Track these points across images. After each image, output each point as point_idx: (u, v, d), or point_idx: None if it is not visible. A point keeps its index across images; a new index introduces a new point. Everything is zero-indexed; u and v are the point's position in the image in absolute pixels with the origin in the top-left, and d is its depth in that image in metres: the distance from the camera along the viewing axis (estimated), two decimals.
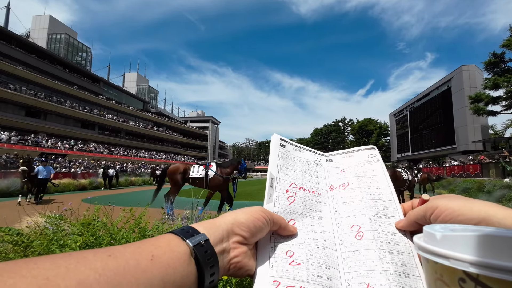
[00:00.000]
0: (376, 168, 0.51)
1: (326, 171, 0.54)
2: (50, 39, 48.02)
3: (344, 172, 0.52)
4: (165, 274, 0.28)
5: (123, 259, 0.26)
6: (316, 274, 0.36)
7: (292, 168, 0.50)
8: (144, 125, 51.42)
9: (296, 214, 0.44)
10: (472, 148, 31.32)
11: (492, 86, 25.83)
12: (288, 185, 0.47)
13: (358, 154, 0.56)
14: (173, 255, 0.30)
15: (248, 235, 0.37)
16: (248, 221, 0.37)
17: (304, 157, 0.54)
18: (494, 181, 13.15)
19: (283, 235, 0.41)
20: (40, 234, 1.84)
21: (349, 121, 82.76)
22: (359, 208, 0.45)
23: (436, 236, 0.22)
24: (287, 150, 0.53)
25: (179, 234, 0.33)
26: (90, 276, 0.22)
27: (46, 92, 34.53)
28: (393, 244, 0.39)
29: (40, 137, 30.31)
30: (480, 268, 0.18)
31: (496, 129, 44.91)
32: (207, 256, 0.32)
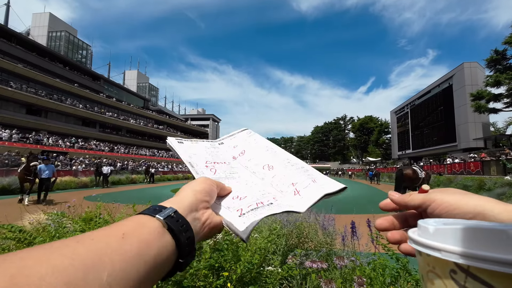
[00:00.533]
0: (257, 138, 0.69)
1: (223, 150, 0.66)
2: (50, 36, 47.93)
3: (236, 147, 0.67)
4: (139, 248, 0.28)
5: (92, 243, 0.26)
6: (261, 194, 0.50)
7: (199, 153, 0.61)
8: (144, 123, 51.40)
9: (222, 179, 0.53)
10: (473, 145, 31.24)
11: (494, 83, 25.67)
12: (204, 163, 0.57)
13: (239, 135, 0.71)
14: (145, 230, 0.31)
15: (209, 199, 0.42)
16: (205, 188, 0.42)
17: (202, 145, 0.65)
18: (494, 179, 13.13)
19: (223, 194, 0.48)
20: (42, 231, 1.85)
21: (350, 119, 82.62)
22: (260, 157, 0.62)
23: (429, 229, 0.22)
24: (186, 145, 0.63)
25: (147, 213, 0.34)
26: (64, 261, 0.22)
27: (47, 90, 34.50)
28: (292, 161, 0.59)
29: (41, 135, 30.34)
30: (471, 260, 0.18)
31: (497, 126, 44.74)
32: (180, 224, 0.34)
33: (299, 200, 0.48)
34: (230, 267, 1.36)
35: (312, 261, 1.44)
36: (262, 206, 0.46)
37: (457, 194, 0.34)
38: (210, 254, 1.39)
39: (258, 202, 0.47)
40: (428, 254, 0.22)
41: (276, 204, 0.46)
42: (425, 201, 0.35)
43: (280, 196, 0.50)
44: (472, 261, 0.18)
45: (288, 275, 1.53)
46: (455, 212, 0.31)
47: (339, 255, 1.77)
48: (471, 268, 0.18)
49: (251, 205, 0.46)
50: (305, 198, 0.48)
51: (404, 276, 1.51)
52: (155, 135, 53.90)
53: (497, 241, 0.18)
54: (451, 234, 0.20)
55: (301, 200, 0.48)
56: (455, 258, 0.19)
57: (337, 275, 1.58)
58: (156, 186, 20.27)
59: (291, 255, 1.76)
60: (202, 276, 1.27)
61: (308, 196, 0.48)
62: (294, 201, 0.48)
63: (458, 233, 0.20)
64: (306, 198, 0.48)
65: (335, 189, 0.48)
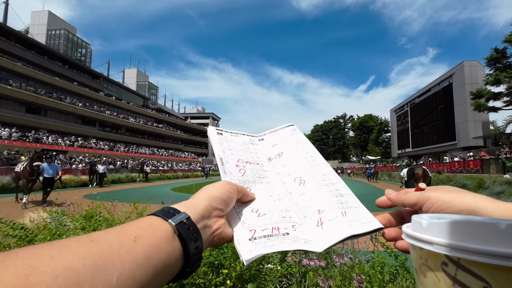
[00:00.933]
0: (299, 137, 0.63)
1: (261, 147, 0.63)
2: (49, 35, 47.77)
3: (276, 146, 0.63)
4: (149, 251, 0.28)
5: (105, 243, 0.26)
6: (281, 216, 0.46)
7: (235, 148, 0.58)
8: (144, 122, 51.37)
9: (249, 183, 0.51)
10: (473, 144, 31.27)
11: (494, 82, 25.66)
12: (236, 161, 0.55)
13: (282, 131, 0.67)
14: (156, 234, 0.31)
15: (224, 207, 0.40)
16: (222, 194, 0.41)
17: (241, 139, 0.62)
18: (494, 177, 13.15)
19: (245, 201, 0.47)
20: (43, 229, 1.86)
21: (350, 117, 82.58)
22: (295, 166, 0.56)
23: (422, 223, 0.23)
24: (225, 137, 0.60)
25: (160, 215, 0.34)
26: (75, 261, 0.23)
27: (46, 88, 34.44)
28: (326, 179, 0.52)
29: (40, 133, 30.31)
30: (461, 252, 0.19)
31: (497, 125, 44.82)
32: (190, 232, 0.33)
33: (319, 235, 0.43)
34: (229, 264, 1.37)
35: (310, 259, 1.45)
36: (277, 235, 0.42)
37: (452, 192, 0.34)
38: (210, 252, 1.40)
39: (274, 227, 0.43)
40: (421, 248, 0.22)
41: (292, 237, 0.42)
42: (420, 199, 0.36)
43: (300, 224, 0.45)
44: (463, 254, 0.19)
45: (287, 272, 1.54)
46: (449, 210, 0.32)
47: (338, 253, 1.78)
48: (461, 260, 0.19)
49: (266, 228, 0.42)
50: (326, 234, 0.42)
51: (402, 273, 1.52)
52: (155, 134, 53.87)
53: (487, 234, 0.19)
54: (443, 228, 0.21)
55: (322, 235, 0.42)
56: (446, 251, 0.20)
57: (336, 272, 1.59)
58: (152, 185, 20.24)
59: (290, 252, 1.77)
60: (201, 273, 1.28)
61: (331, 233, 0.42)
62: (314, 235, 0.43)
63: (450, 227, 0.21)
64: (328, 234, 0.42)
65: (367, 230, 0.41)
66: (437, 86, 39.20)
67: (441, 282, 0.21)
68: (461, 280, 0.19)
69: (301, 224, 0.45)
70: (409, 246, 0.32)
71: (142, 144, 48.13)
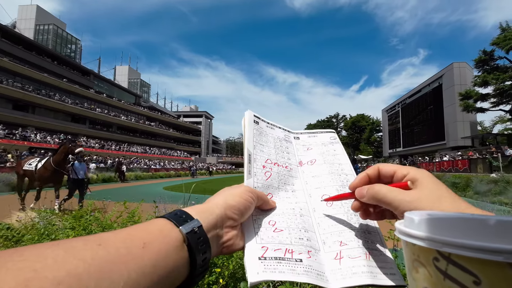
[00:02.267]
0: (337, 148, 0.59)
1: (294, 148, 0.59)
2: (38, 30, 46.55)
3: (310, 150, 0.59)
4: (156, 260, 0.28)
5: (113, 247, 0.26)
6: (297, 237, 0.42)
7: (266, 145, 0.54)
8: (136, 120, 50.70)
9: (272, 188, 0.48)
10: (461, 144, 32.00)
11: (482, 83, 26.34)
12: (264, 161, 0.51)
13: (321, 135, 0.62)
14: (165, 241, 0.30)
15: (239, 217, 0.39)
16: (239, 203, 0.38)
17: (275, 134, 0.58)
18: (481, 176, 13.51)
19: (265, 209, 0.44)
20: (31, 229, 1.82)
21: (342, 117, 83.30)
22: (327, 180, 0.51)
23: (414, 220, 0.23)
24: (260, 127, 0.56)
25: (172, 220, 0.33)
26: (79, 267, 0.22)
27: (34, 85, 33.60)
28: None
29: (28, 131, 29.57)
30: (452, 247, 0.19)
31: (484, 125, 45.98)
32: (200, 243, 0.32)
33: (335, 270, 0.39)
34: (222, 263, 1.37)
35: None
36: (289, 259, 0.38)
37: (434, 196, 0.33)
38: None
39: (288, 249, 0.39)
40: (413, 244, 0.23)
41: (304, 266, 0.38)
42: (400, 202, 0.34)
43: (317, 250, 0.41)
44: (453, 249, 0.19)
45: None
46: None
47: None
48: (452, 255, 0.20)
49: (279, 249, 0.39)
50: (343, 272, 0.38)
51: None
52: (147, 132, 53.26)
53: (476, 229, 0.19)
54: (434, 224, 0.22)
55: (338, 272, 0.38)
56: (438, 246, 0.20)
57: None
58: (144, 183, 20.00)
59: None
60: None
61: (348, 272, 0.38)
62: (329, 268, 0.39)
63: (441, 223, 0.21)
64: (344, 273, 0.38)
65: (388, 284, 0.37)
66: (427, 87, 39.93)
67: (432, 277, 0.21)
68: (452, 274, 0.20)
69: (318, 250, 0.41)
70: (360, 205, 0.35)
71: (134, 143, 47.52)
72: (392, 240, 1.71)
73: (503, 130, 35.95)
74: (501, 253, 0.17)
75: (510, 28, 24.62)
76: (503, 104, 27.26)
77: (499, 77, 25.10)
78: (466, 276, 0.19)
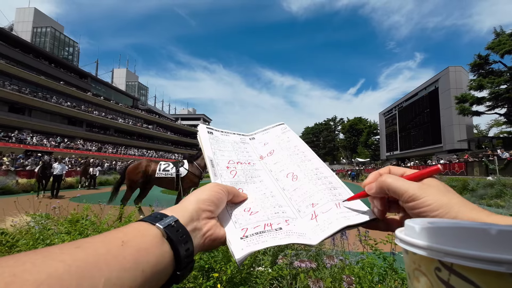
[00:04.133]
0: (290, 135, 0.63)
1: (252, 147, 0.63)
2: (35, 32, 46.45)
3: (267, 144, 0.63)
4: (138, 256, 0.28)
5: (91, 248, 0.26)
6: (273, 212, 0.45)
7: (225, 149, 0.57)
8: (133, 122, 50.50)
9: (241, 183, 0.51)
10: (458, 147, 32.22)
11: (477, 87, 26.62)
12: (226, 162, 0.54)
13: (273, 130, 0.67)
14: (144, 239, 0.30)
15: (214, 209, 0.40)
16: (211, 196, 0.40)
17: (231, 139, 0.62)
18: (477, 179, 13.60)
19: (237, 202, 0.46)
20: (25, 233, 1.79)
21: (340, 120, 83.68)
22: (287, 162, 0.56)
23: (415, 228, 0.23)
24: (215, 136, 0.59)
25: (147, 220, 0.33)
26: (59, 268, 0.22)
27: (31, 87, 33.39)
28: (319, 173, 0.52)
29: (24, 133, 29.32)
30: (454, 258, 0.19)
31: (480, 128, 46.33)
32: (179, 235, 0.33)
33: (314, 228, 0.42)
34: (220, 268, 1.36)
35: (301, 260, 1.45)
36: (269, 231, 0.41)
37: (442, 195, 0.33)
38: (200, 256, 1.38)
39: (267, 223, 0.42)
40: (414, 253, 0.22)
41: (285, 232, 0.41)
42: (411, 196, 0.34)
43: (294, 218, 0.44)
44: (456, 259, 0.19)
45: (278, 275, 1.54)
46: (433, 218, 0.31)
47: (329, 254, 1.79)
48: (454, 265, 0.19)
49: (258, 225, 0.42)
50: (321, 226, 0.41)
51: (391, 274, 1.54)
52: (144, 135, 53.04)
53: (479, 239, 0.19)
54: (436, 233, 0.21)
55: (317, 228, 0.42)
56: (440, 256, 0.20)
57: (327, 274, 1.60)
58: None
59: (281, 255, 1.77)
60: (191, 277, 1.26)
61: (325, 224, 0.41)
62: (308, 228, 0.42)
63: (443, 232, 0.21)
64: (322, 226, 0.41)
65: (362, 220, 0.40)
66: (423, 91, 40.26)
67: (434, 287, 0.21)
68: (454, 285, 0.19)
69: (295, 218, 0.45)
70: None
71: (131, 145, 47.28)
72: (390, 243, 1.71)
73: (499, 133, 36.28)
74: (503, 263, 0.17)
75: (504, 33, 24.97)
76: (498, 107, 27.54)
77: (494, 81, 25.40)
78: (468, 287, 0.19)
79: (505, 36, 24.42)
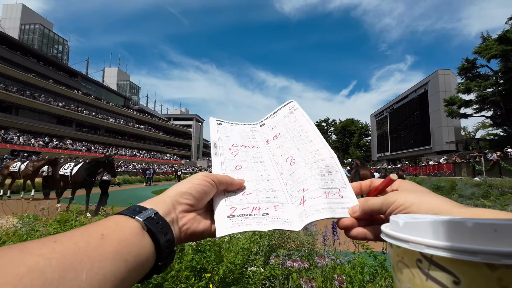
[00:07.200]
0: (298, 115, 0.60)
1: (261, 133, 0.62)
2: (23, 29, 45.33)
3: (275, 128, 0.61)
4: (119, 247, 0.28)
5: (71, 242, 0.25)
6: (265, 196, 0.45)
7: (232, 135, 0.57)
8: (125, 122, 49.80)
9: (241, 161, 0.51)
10: (446, 148, 32.99)
11: (465, 90, 27.34)
12: (230, 145, 0.54)
13: (282, 110, 0.64)
14: (124, 231, 0.30)
15: (193, 202, 0.39)
16: (190, 189, 0.39)
17: (241, 128, 0.61)
18: (465, 180, 13.94)
19: (232, 190, 0.46)
20: (12, 235, 1.75)
21: (332, 121, 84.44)
22: (289, 145, 0.55)
23: (399, 223, 0.25)
24: (224, 127, 0.60)
25: (127, 214, 0.33)
26: (40, 262, 0.22)
27: (19, 85, 32.55)
28: (317, 156, 0.50)
29: (11, 133, 28.54)
30: (434, 249, 0.21)
31: (467, 130, 47.52)
32: (159, 226, 0.33)
33: (300, 213, 0.42)
34: (212, 268, 1.35)
35: (294, 260, 1.46)
36: (256, 214, 0.42)
37: (413, 193, 0.35)
38: (192, 256, 1.37)
39: (256, 207, 0.43)
40: (398, 246, 0.24)
41: (270, 218, 0.42)
42: (383, 203, 0.36)
43: (284, 204, 0.45)
44: (435, 251, 0.21)
45: (270, 275, 1.54)
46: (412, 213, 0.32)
47: (320, 254, 1.81)
48: (434, 256, 0.21)
49: (247, 207, 0.43)
50: (307, 212, 0.42)
51: (381, 273, 1.57)
52: (136, 135, 52.38)
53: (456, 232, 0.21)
54: (418, 227, 0.23)
55: (303, 213, 0.42)
56: (421, 248, 0.22)
57: (318, 274, 1.61)
58: (133, 188, 19.53)
59: (273, 255, 1.78)
60: (183, 278, 1.26)
61: (311, 211, 0.42)
62: (296, 213, 0.43)
63: (424, 226, 0.23)
64: (308, 212, 0.42)
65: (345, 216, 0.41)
66: (414, 93, 41.08)
67: (416, 277, 0.22)
68: (434, 275, 0.21)
69: (285, 204, 0.45)
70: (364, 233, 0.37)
71: (122, 146, 46.60)
72: (382, 242, 1.74)
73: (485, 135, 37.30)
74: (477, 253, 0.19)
75: (491, 38, 25.71)
76: (485, 110, 28.36)
77: (481, 85, 26.13)
78: (447, 277, 0.20)
79: (491, 41, 25.16)
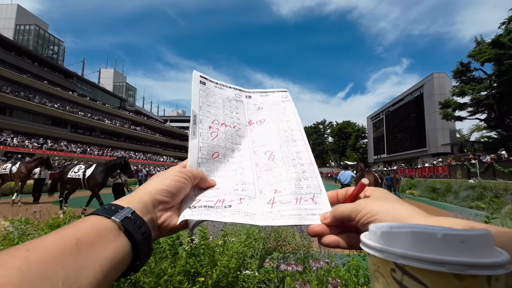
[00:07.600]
0: (287, 106, 0.59)
1: (245, 107, 0.59)
2: (18, 30, 44.98)
3: (261, 109, 0.59)
4: (94, 252, 0.27)
5: (44, 250, 0.25)
6: (232, 189, 0.44)
7: (214, 105, 0.53)
8: (121, 124, 49.46)
9: (219, 147, 0.49)
10: (442, 151, 33.27)
11: (459, 93, 27.67)
12: (210, 121, 0.51)
13: (273, 95, 0.62)
14: (99, 234, 0.29)
15: (171, 199, 0.39)
16: (169, 186, 0.39)
17: (225, 93, 0.57)
18: (460, 182, 14.07)
19: (203, 187, 0.45)
20: (3, 239, 1.72)
21: (329, 124, 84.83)
22: (272, 138, 0.53)
23: (377, 233, 0.25)
24: (207, 88, 0.55)
25: (102, 214, 0.32)
26: (14, 275, 0.21)
27: (13, 86, 32.20)
28: (297, 159, 0.49)
29: (4, 134, 28.19)
30: (406, 260, 0.21)
31: (462, 133, 48.04)
32: (137, 226, 0.33)
33: (266, 212, 0.41)
34: (206, 272, 1.34)
35: (288, 264, 1.46)
36: (218, 206, 0.41)
37: (380, 202, 0.34)
38: (186, 260, 1.36)
39: (220, 199, 0.42)
40: (374, 255, 0.24)
41: (232, 210, 0.41)
42: (352, 211, 0.35)
43: (251, 198, 0.44)
44: (407, 261, 0.21)
45: (265, 278, 1.53)
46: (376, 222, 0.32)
47: (316, 257, 1.81)
48: (406, 266, 0.21)
49: (211, 200, 0.42)
50: (273, 215, 0.41)
51: None
52: (132, 137, 52.01)
53: (427, 242, 0.21)
54: (393, 237, 0.23)
55: (268, 214, 0.41)
56: (394, 258, 0.22)
57: (313, 277, 1.61)
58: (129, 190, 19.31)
59: (268, 258, 1.77)
60: (176, 282, 1.25)
61: (278, 215, 0.40)
62: (261, 210, 0.42)
63: (398, 236, 0.23)
64: (274, 215, 0.41)
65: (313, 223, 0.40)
66: (409, 96, 41.46)
67: (390, 287, 0.23)
68: (406, 285, 0.21)
69: (253, 198, 0.44)
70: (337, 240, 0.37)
71: (118, 147, 46.26)
72: None
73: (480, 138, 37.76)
74: (445, 264, 0.19)
75: (484, 42, 26.09)
76: (479, 113, 28.69)
77: (475, 88, 26.47)
78: (418, 286, 0.20)
79: (485, 45, 25.52)
